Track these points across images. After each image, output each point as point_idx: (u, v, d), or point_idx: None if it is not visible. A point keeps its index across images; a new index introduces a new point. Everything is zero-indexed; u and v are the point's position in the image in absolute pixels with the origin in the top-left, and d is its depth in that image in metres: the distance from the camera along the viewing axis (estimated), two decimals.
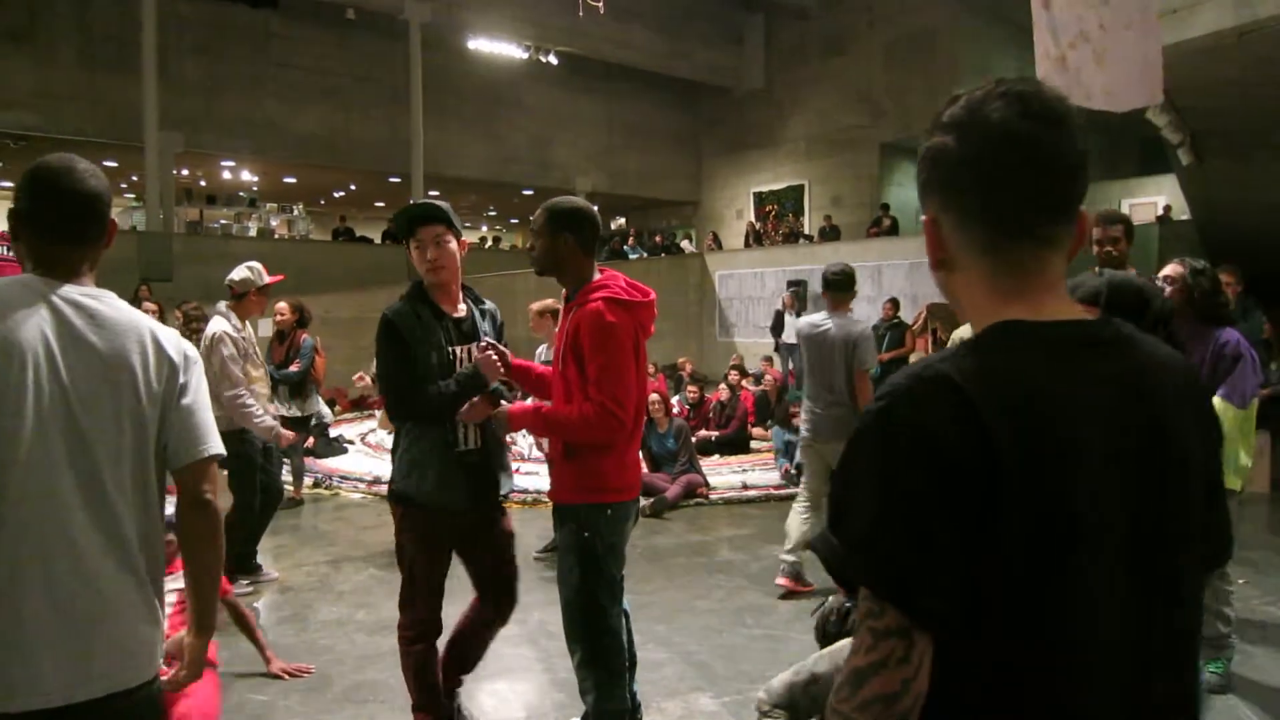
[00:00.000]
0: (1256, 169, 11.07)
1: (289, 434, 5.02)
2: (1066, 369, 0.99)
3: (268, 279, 5.09)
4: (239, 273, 5.05)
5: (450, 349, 3.01)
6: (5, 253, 4.04)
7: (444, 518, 3.02)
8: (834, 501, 1.02)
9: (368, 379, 6.28)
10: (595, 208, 2.99)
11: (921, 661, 0.94)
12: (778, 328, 14.26)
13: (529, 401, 3.26)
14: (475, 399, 2.91)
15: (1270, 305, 7.68)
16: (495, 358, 2.91)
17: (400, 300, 3.05)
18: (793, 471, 7.58)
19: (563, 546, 2.88)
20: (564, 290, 2.94)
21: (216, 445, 1.82)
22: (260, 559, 5.20)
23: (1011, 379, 0.97)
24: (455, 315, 3.08)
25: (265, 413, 4.90)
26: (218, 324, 4.93)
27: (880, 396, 0.99)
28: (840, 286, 5.06)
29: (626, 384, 2.73)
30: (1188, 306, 3.73)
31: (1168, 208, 18.65)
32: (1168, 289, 3.74)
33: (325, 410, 8.89)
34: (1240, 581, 3.94)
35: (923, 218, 1.12)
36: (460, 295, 3.14)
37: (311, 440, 8.67)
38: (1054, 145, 1.03)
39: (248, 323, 5.12)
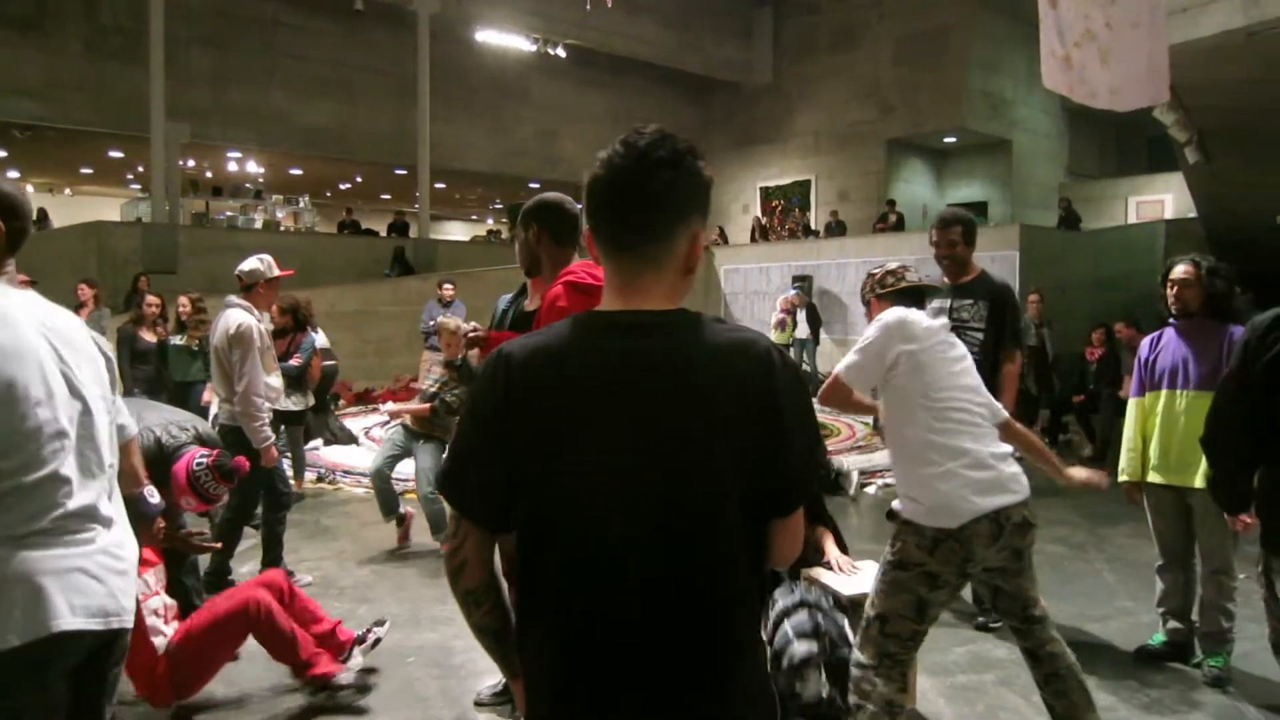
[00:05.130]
0: (1262, 168, 11.05)
1: (274, 454, 4.84)
2: (598, 343, 1.33)
3: (277, 272, 4.96)
4: (248, 264, 4.91)
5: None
6: None
7: None
8: None
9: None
10: (572, 200, 2.87)
11: (466, 536, 1.40)
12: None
13: None
14: None
15: (1262, 305, 7.67)
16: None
17: None
18: None
19: None
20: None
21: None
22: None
23: (543, 349, 1.35)
24: (528, 309, 3.27)
25: (268, 425, 4.73)
26: (242, 315, 4.73)
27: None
28: None
29: None
30: (1204, 305, 3.70)
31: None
32: (1184, 292, 3.69)
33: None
34: (1242, 576, 3.92)
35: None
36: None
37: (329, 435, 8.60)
38: (631, 180, 1.32)
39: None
